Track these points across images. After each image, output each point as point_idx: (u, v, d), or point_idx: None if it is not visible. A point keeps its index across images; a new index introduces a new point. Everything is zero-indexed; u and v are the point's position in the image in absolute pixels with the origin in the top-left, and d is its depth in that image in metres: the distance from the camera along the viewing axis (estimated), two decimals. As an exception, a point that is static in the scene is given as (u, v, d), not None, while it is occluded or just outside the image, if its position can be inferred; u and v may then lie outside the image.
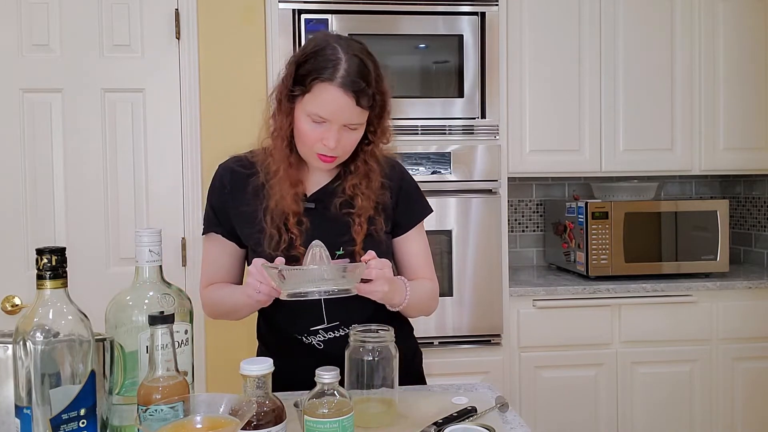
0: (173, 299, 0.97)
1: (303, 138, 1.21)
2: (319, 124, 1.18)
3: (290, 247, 1.24)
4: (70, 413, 0.82)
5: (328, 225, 1.28)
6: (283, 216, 1.25)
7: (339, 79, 1.15)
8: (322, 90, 1.16)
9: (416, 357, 1.47)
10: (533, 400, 2.42)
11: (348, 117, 1.18)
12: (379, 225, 1.31)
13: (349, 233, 1.27)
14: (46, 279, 0.83)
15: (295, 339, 1.30)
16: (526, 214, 3.06)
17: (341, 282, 1.08)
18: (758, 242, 2.98)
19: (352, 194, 1.28)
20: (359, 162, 1.29)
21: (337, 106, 1.16)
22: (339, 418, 0.89)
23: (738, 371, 2.50)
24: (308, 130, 1.19)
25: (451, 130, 2.37)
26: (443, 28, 2.37)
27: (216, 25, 2.30)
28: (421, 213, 1.41)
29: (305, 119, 1.19)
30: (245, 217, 1.29)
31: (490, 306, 2.37)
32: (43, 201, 2.20)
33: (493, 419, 1.08)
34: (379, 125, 1.27)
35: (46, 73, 2.19)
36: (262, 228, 1.25)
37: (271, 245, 1.24)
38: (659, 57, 2.64)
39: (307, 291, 1.06)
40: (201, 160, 2.29)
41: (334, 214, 1.28)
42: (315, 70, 1.17)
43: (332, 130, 1.18)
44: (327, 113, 1.17)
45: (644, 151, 2.65)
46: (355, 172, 1.29)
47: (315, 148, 1.20)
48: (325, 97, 1.16)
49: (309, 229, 1.26)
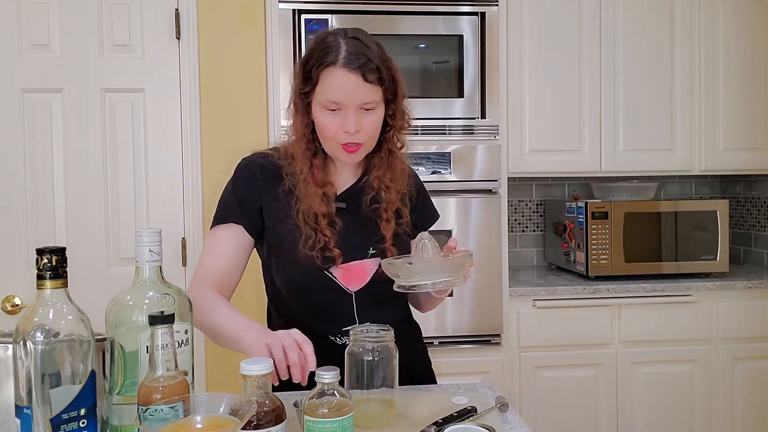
0: (173, 299, 0.97)
1: (324, 131, 1.21)
2: (335, 113, 1.19)
3: (325, 249, 1.23)
4: (70, 413, 0.82)
5: (360, 224, 1.29)
6: (315, 217, 1.24)
7: (342, 60, 1.16)
8: (329, 75, 1.17)
9: (427, 357, 1.48)
10: (533, 400, 2.42)
11: (360, 96, 1.18)
12: (405, 218, 1.33)
13: (379, 231, 1.28)
14: (46, 279, 0.83)
15: (326, 339, 1.28)
16: (526, 214, 3.06)
17: (453, 274, 1.09)
18: (758, 242, 2.98)
19: (378, 187, 1.28)
20: (383, 152, 1.29)
21: (345, 86, 1.17)
22: (339, 418, 0.89)
23: (738, 371, 2.50)
24: (327, 122, 1.20)
25: (451, 130, 2.37)
26: (443, 28, 2.37)
27: (216, 25, 2.30)
28: (432, 218, 1.44)
29: (321, 111, 1.20)
30: (279, 215, 1.27)
31: (490, 306, 2.37)
32: (43, 201, 2.20)
33: (493, 419, 1.08)
34: (396, 107, 1.26)
35: (46, 73, 2.19)
36: (296, 228, 1.24)
37: (306, 246, 1.23)
38: (659, 57, 2.64)
39: (419, 284, 1.08)
40: (201, 160, 2.29)
41: (365, 211, 1.29)
42: (318, 60, 1.18)
43: (349, 114, 1.18)
44: (338, 96, 1.17)
45: (644, 151, 2.65)
46: (379, 165, 1.29)
47: (338, 138, 1.20)
48: (333, 81, 1.17)
49: (342, 229, 1.26)
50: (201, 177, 2.28)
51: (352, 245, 1.26)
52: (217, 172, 2.27)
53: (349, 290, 1.27)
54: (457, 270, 1.10)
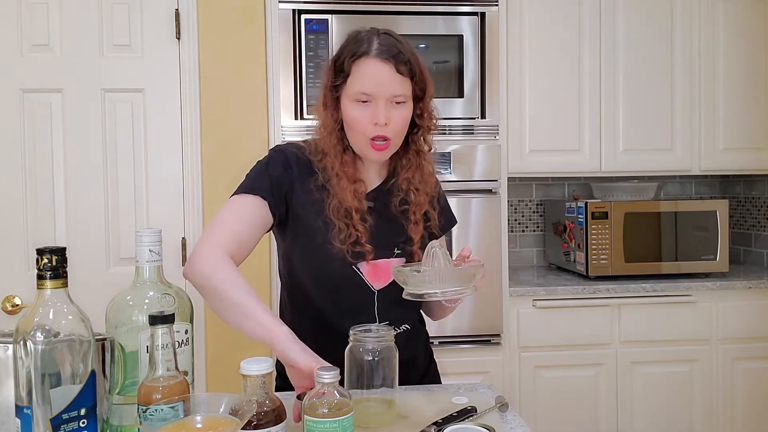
0: (173, 299, 0.97)
1: (354, 125, 1.22)
2: (366, 105, 1.20)
3: (356, 243, 1.24)
4: (70, 413, 0.82)
5: (387, 225, 1.29)
6: (347, 212, 1.24)
7: (375, 51, 1.19)
8: (361, 65, 1.19)
9: (434, 357, 1.48)
10: (533, 400, 2.42)
11: (391, 87, 1.19)
12: (433, 221, 1.33)
13: (407, 232, 1.28)
14: (47, 279, 0.83)
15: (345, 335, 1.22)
16: (526, 214, 3.06)
17: (462, 284, 1.09)
18: (758, 242, 2.98)
19: (407, 189, 1.29)
20: (410, 154, 1.30)
21: (377, 75, 1.18)
22: (339, 418, 0.89)
23: (738, 371, 2.50)
24: (357, 115, 1.20)
25: (451, 130, 2.37)
26: (443, 28, 2.37)
27: (216, 25, 2.30)
28: (449, 224, 1.44)
29: (351, 105, 1.21)
30: (311, 206, 1.26)
31: (490, 306, 2.37)
32: (43, 201, 2.20)
33: (493, 419, 1.08)
34: (424, 106, 1.27)
35: (46, 73, 2.19)
36: (328, 221, 1.24)
37: (338, 239, 1.23)
38: (659, 57, 2.64)
39: (429, 292, 1.07)
40: (201, 160, 2.28)
41: (393, 212, 1.29)
42: (350, 53, 1.21)
43: (380, 105, 1.19)
44: (370, 87, 1.19)
45: (644, 151, 2.65)
46: (407, 166, 1.29)
47: (367, 131, 1.20)
48: (365, 71, 1.19)
49: (372, 227, 1.26)
50: (201, 177, 2.28)
51: (379, 244, 1.26)
52: (217, 172, 2.27)
53: (373, 288, 1.27)
54: (467, 280, 1.10)
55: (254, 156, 1.35)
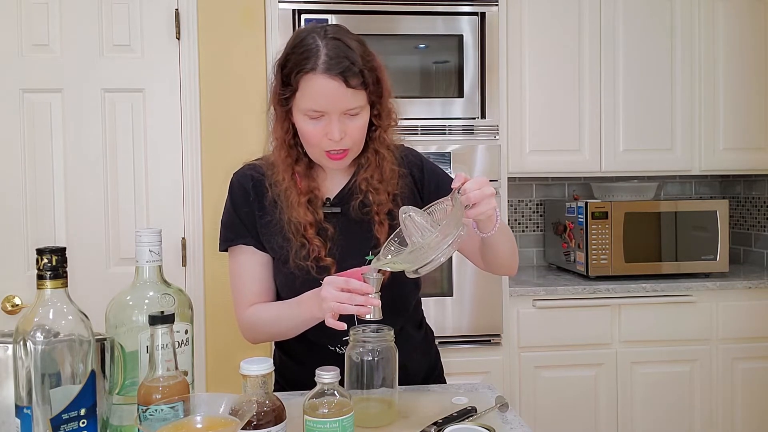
0: (173, 299, 0.97)
1: (308, 138, 1.15)
2: (318, 120, 1.12)
3: (318, 258, 1.19)
4: (70, 413, 0.82)
5: (354, 228, 1.23)
6: (302, 227, 1.19)
7: (322, 66, 1.09)
8: (308, 82, 1.10)
9: (440, 362, 1.45)
10: (533, 400, 2.42)
11: (343, 102, 1.11)
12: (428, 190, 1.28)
13: (373, 233, 1.22)
14: (47, 279, 0.83)
15: (326, 349, 1.24)
16: (526, 214, 3.06)
17: (451, 231, 1.01)
18: (758, 242, 2.98)
19: (366, 189, 1.22)
20: (369, 153, 1.23)
21: (327, 93, 1.10)
22: (339, 418, 0.89)
23: (738, 371, 2.50)
24: (310, 129, 1.13)
25: (451, 130, 2.37)
26: (443, 28, 2.37)
27: (216, 25, 2.30)
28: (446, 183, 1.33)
29: (303, 119, 1.14)
30: (271, 228, 1.23)
31: (490, 306, 2.37)
32: (43, 201, 2.20)
33: (493, 419, 1.08)
34: (382, 106, 1.19)
35: (46, 73, 2.19)
36: (287, 239, 1.21)
37: (300, 257, 1.19)
38: (659, 57, 2.64)
39: (431, 260, 1.01)
40: (201, 160, 2.29)
41: (356, 215, 1.23)
42: (297, 65, 1.11)
43: (333, 121, 1.11)
44: (320, 104, 1.11)
45: (644, 151, 2.65)
46: (366, 165, 1.23)
47: (322, 145, 1.14)
48: (313, 88, 1.10)
49: (335, 235, 1.21)
50: (201, 177, 2.28)
51: (349, 251, 1.22)
52: (217, 171, 2.27)
53: None
54: (455, 225, 1.02)
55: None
